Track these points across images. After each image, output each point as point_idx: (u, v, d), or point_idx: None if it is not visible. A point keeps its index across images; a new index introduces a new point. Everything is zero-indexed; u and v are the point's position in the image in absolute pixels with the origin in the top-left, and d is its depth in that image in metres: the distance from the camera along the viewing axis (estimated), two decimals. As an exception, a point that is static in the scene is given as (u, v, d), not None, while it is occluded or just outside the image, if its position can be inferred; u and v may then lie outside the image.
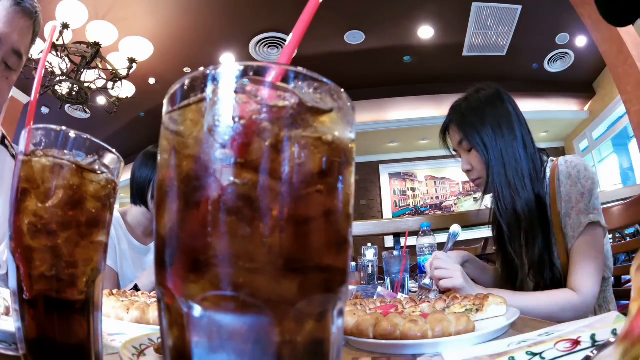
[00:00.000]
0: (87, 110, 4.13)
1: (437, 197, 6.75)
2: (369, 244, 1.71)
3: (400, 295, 1.16)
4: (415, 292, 1.45)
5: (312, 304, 0.23)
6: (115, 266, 1.50)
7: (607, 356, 0.34)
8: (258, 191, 0.22)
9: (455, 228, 1.31)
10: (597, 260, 1.05)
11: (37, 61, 3.26)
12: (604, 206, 1.55)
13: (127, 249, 1.53)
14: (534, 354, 0.43)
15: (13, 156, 1.23)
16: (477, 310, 0.75)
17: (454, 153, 1.31)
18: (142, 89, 4.44)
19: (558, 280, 1.12)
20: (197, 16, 4.08)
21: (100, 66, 3.72)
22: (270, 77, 0.23)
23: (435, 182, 6.80)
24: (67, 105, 4.29)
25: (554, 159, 1.19)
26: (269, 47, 4.62)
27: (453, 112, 1.28)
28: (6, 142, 1.18)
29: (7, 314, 0.62)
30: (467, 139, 1.21)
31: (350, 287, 1.37)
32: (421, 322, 0.63)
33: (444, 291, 1.11)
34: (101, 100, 4.28)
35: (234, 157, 0.22)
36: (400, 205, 6.73)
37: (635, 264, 0.30)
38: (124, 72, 3.72)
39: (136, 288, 1.28)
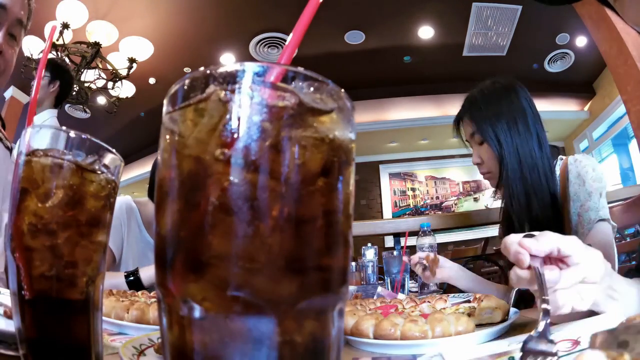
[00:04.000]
0: (87, 110, 4.12)
1: (437, 197, 6.75)
2: (369, 244, 1.71)
3: (400, 295, 1.16)
4: (416, 292, 1.45)
5: (313, 304, 0.23)
6: (117, 251, 1.45)
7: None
8: (258, 191, 0.22)
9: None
10: (607, 258, 1.03)
11: (37, 61, 3.27)
12: (604, 206, 1.54)
13: (137, 241, 1.49)
14: (534, 354, 0.43)
15: (8, 148, 1.22)
16: (470, 315, 0.72)
17: (467, 144, 1.31)
18: (142, 89, 4.44)
19: None
20: (197, 16, 4.08)
21: (100, 66, 3.72)
22: (271, 77, 0.23)
23: (435, 182, 6.80)
24: (67, 105, 4.29)
25: (563, 157, 1.18)
26: (269, 47, 4.62)
27: (467, 103, 1.26)
28: (1, 134, 1.17)
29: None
30: (480, 132, 1.19)
31: (350, 287, 1.37)
32: (421, 322, 0.63)
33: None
34: (101, 100, 4.28)
35: (234, 157, 0.22)
36: (400, 205, 6.73)
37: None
38: (124, 72, 3.72)
39: (134, 275, 1.25)
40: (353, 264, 1.89)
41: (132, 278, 1.24)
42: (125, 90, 3.99)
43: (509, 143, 1.15)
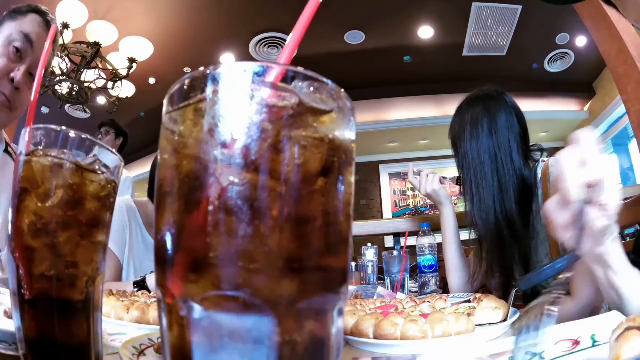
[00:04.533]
0: (87, 110, 4.12)
1: (437, 197, 6.74)
2: (369, 244, 1.71)
3: (400, 295, 1.16)
4: (416, 292, 1.45)
5: (312, 303, 0.23)
6: (120, 255, 1.44)
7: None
8: (258, 191, 0.22)
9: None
10: None
11: (37, 61, 3.26)
12: (604, 206, 1.53)
13: (138, 242, 1.49)
14: (534, 354, 0.43)
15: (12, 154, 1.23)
16: (469, 315, 0.71)
17: None
18: (142, 89, 4.43)
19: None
20: (197, 16, 4.07)
21: (100, 66, 3.72)
22: (271, 77, 0.23)
23: (435, 182, 6.79)
24: (67, 105, 4.29)
25: (545, 159, 1.16)
26: (269, 47, 4.62)
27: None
28: (9, 149, 1.19)
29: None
30: (450, 130, 1.26)
31: (350, 287, 1.37)
32: (421, 322, 0.63)
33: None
34: (101, 100, 4.27)
35: (234, 157, 0.22)
36: (400, 205, 6.72)
37: (615, 333, 0.30)
38: (124, 72, 3.72)
39: (142, 284, 1.26)
40: (353, 264, 1.89)
41: (137, 289, 1.24)
42: (125, 90, 3.98)
43: (461, 149, 1.20)
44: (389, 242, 4.70)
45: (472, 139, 1.17)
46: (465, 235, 1.37)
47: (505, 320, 0.72)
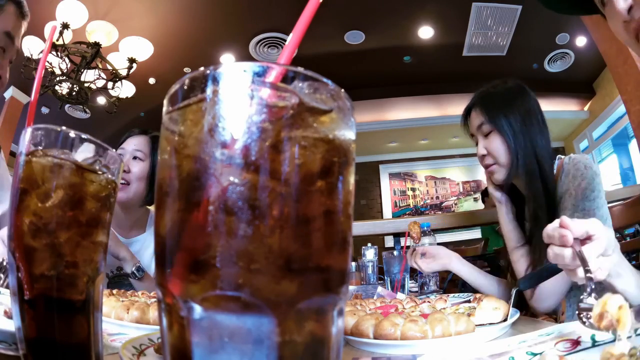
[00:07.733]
0: (87, 110, 4.12)
1: (437, 197, 6.75)
2: (369, 244, 1.71)
3: (400, 295, 1.16)
4: (416, 292, 1.45)
5: (312, 303, 0.23)
6: None
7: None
8: (258, 191, 0.22)
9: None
10: None
11: (37, 61, 3.26)
12: (604, 206, 1.53)
13: None
14: (534, 354, 0.43)
15: None
16: (469, 315, 0.71)
17: (471, 138, 1.30)
18: (142, 89, 4.43)
19: None
20: (197, 16, 4.07)
21: (100, 66, 3.71)
22: (271, 77, 0.23)
23: (435, 182, 6.80)
24: (67, 105, 4.29)
25: (561, 156, 1.18)
26: (269, 47, 4.62)
27: (479, 95, 1.26)
28: None
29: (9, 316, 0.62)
30: (491, 122, 1.18)
31: (350, 287, 1.37)
32: (421, 322, 0.63)
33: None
34: (101, 100, 4.27)
35: (234, 157, 0.22)
36: (400, 205, 6.73)
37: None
38: (124, 72, 3.71)
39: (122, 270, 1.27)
40: (353, 264, 1.89)
41: None
42: (125, 90, 3.98)
43: (524, 134, 1.15)
44: (389, 242, 4.70)
45: (537, 123, 1.16)
46: (467, 235, 1.36)
47: (505, 320, 0.72)
